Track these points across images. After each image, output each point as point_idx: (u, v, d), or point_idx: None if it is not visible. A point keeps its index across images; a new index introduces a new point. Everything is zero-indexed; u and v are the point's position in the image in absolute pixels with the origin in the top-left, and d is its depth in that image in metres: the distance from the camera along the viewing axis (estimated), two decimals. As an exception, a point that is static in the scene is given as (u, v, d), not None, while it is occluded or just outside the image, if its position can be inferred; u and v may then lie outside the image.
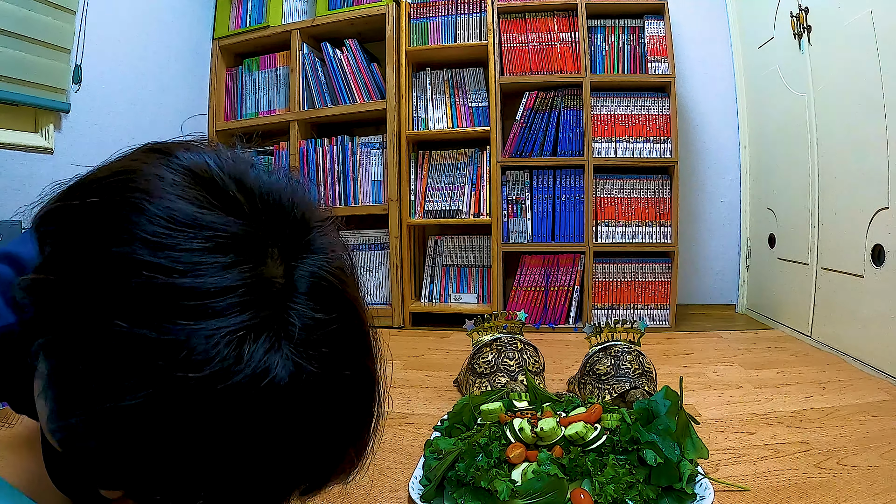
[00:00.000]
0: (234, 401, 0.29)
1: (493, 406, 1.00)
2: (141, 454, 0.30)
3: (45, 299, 0.31)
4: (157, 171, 0.33)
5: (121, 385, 0.29)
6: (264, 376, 0.30)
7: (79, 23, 1.73)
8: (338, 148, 2.34)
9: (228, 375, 0.29)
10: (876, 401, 1.26)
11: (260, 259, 0.32)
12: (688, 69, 2.46)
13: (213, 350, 0.29)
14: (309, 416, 0.32)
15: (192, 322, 0.29)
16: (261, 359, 0.30)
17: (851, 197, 1.63)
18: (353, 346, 0.36)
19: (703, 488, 0.82)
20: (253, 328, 0.30)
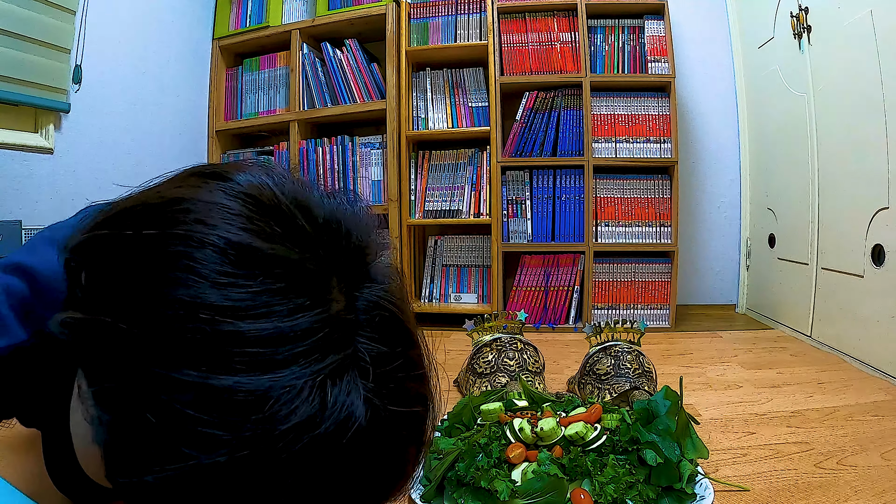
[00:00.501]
0: (321, 449, 0.28)
1: (493, 406, 1.00)
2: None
3: (93, 339, 0.29)
4: (217, 198, 0.31)
5: (198, 442, 0.26)
6: (349, 420, 0.28)
7: (79, 23, 1.73)
8: (338, 148, 2.34)
9: (315, 424, 0.27)
10: (876, 401, 1.26)
11: (328, 294, 0.30)
12: (688, 69, 2.46)
13: (298, 399, 0.27)
14: (384, 454, 0.31)
15: (273, 371, 0.27)
16: (344, 402, 0.28)
17: (851, 197, 1.63)
18: (416, 376, 0.34)
19: (703, 488, 0.82)
20: (334, 371, 0.29)
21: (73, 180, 1.74)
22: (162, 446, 0.27)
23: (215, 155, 2.49)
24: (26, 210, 1.56)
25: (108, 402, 0.28)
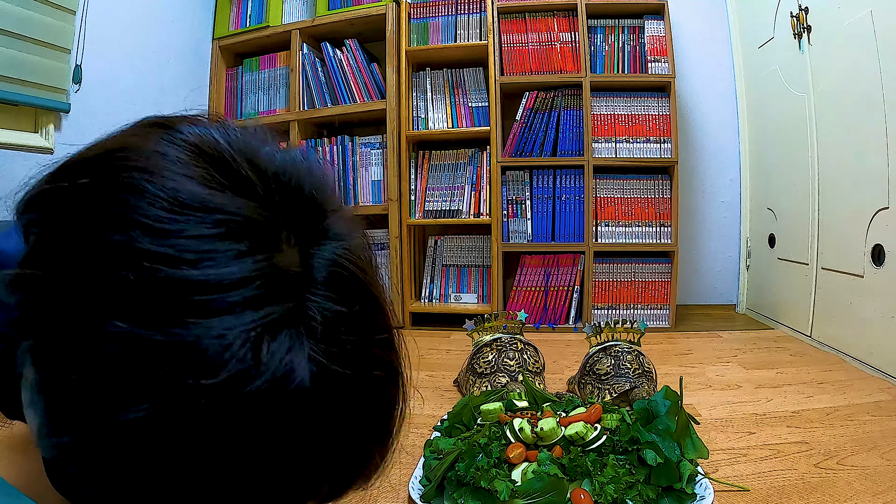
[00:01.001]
0: (253, 408, 0.26)
1: (493, 406, 1.00)
2: (145, 470, 0.26)
3: (32, 297, 0.27)
4: (158, 147, 0.29)
5: (122, 396, 0.25)
6: (287, 379, 0.26)
7: (79, 23, 1.73)
8: (338, 148, 2.34)
9: (247, 380, 0.25)
10: (876, 401, 1.26)
11: (275, 246, 0.28)
12: (688, 69, 2.46)
13: (228, 352, 0.25)
14: (332, 419, 0.29)
15: (203, 320, 0.25)
16: (282, 359, 0.26)
17: (851, 197, 1.63)
18: (377, 340, 0.33)
19: (703, 488, 0.82)
20: (271, 325, 0.26)
21: (73, 180, 1.74)
22: (83, 404, 0.25)
23: (215, 155, 2.49)
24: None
25: (38, 360, 0.27)
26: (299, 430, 0.28)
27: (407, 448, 1.06)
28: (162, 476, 0.26)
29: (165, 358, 0.25)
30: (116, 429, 0.25)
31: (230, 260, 0.26)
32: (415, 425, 1.19)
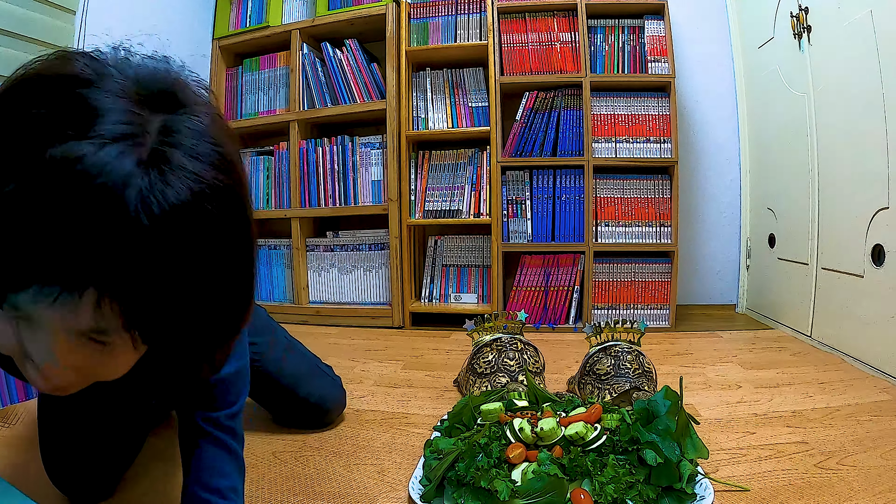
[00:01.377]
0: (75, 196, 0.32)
1: (493, 406, 1.00)
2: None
3: None
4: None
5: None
6: (124, 187, 0.33)
7: (79, 23, 1.73)
8: (338, 148, 2.34)
9: (90, 175, 0.32)
10: (876, 401, 1.26)
11: (145, 115, 0.37)
12: (688, 69, 2.46)
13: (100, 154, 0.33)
14: (170, 248, 0.35)
15: (79, 127, 0.34)
16: (129, 171, 0.33)
17: (851, 197, 1.63)
18: (223, 191, 0.38)
19: (703, 488, 0.82)
20: (131, 146, 0.34)
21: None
22: None
23: (215, 155, 2.48)
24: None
25: None
26: (128, 246, 0.34)
27: (407, 448, 1.06)
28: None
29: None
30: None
31: (114, 98, 0.36)
32: (415, 425, 1.19)
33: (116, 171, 0.33)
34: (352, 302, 2.37)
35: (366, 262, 2.35)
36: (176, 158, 0.36)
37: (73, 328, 0.37)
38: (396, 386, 1.47)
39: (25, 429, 1.17)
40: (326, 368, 1.23)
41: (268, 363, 1.10)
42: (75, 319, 0.36)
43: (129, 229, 0.33)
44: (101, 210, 0.33)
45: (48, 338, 0.37)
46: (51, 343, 0.37)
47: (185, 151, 0.37)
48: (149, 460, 1.01)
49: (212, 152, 0.38)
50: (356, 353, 1.82)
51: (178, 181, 0.35)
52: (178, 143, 0.37)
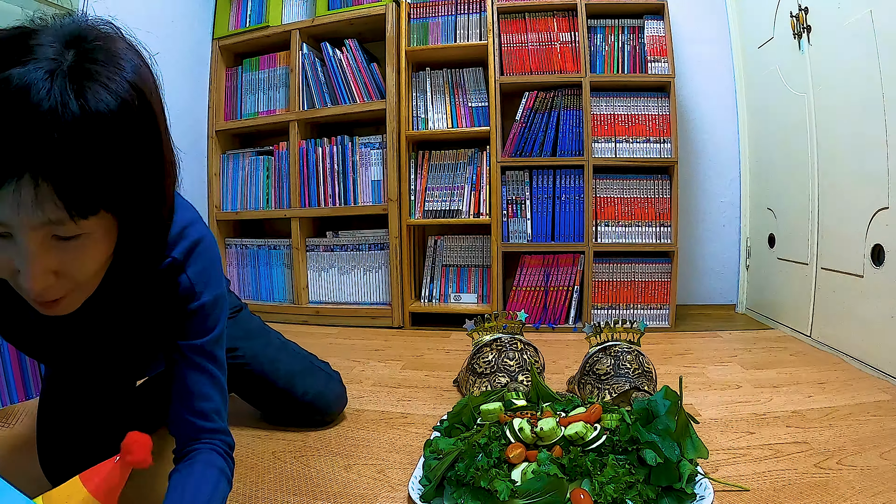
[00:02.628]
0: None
1: (493, 406, 1.00)
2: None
3: None
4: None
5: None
6: (38, 91, 0.45)
7: (78, 23, 1.73)
8: (338, 148, 2.34)
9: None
10: (876, 401, 1.26)
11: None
12: (688, 69, 2.46)
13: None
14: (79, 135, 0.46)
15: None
16: (43, 80, 0.46)
17: (851, 197, 1.63)
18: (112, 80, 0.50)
19: (702, 488, 0.82)
20: (48, 67, 0.46)
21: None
22: None
23: (215, 155, 2.49)
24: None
25: None
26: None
27: (407, 448, 1.06)
28: None
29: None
30: None
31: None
32: (414, 425, 1.19)
33: (33, 81, 0.45)
34: (351, 302, 2.37)
35: (365, 262, 2.35)
36: (96, 73, 0.48)
37: (35, 223, 0.48)
38: (396, 386, 1.47)
39: (25, 429, 1.17)
40: (322, 365, 1.23)
41: (263, 363, 1.11)
42: (30, 213, 0.47)
43: (44, 122, 0.44)
44: (22, 110, 0.44)
45: (25, 245, 0.49)
46: (28, 249, 0.49)
47: (104, 67, 0.49)
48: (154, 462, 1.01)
49: (130, 69, 0.52)
50: (356, 353, 1.82)
51: (95, 88, 0.48)
52: (97, 63, 0.49)
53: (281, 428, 1.17)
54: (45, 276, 0.51)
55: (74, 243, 0.51)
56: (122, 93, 0.50)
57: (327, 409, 1.18)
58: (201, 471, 0.69)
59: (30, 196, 0.46)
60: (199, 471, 0.68)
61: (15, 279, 0.52)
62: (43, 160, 0.45)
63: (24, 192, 0.46)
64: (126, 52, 0.54)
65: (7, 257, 0.50)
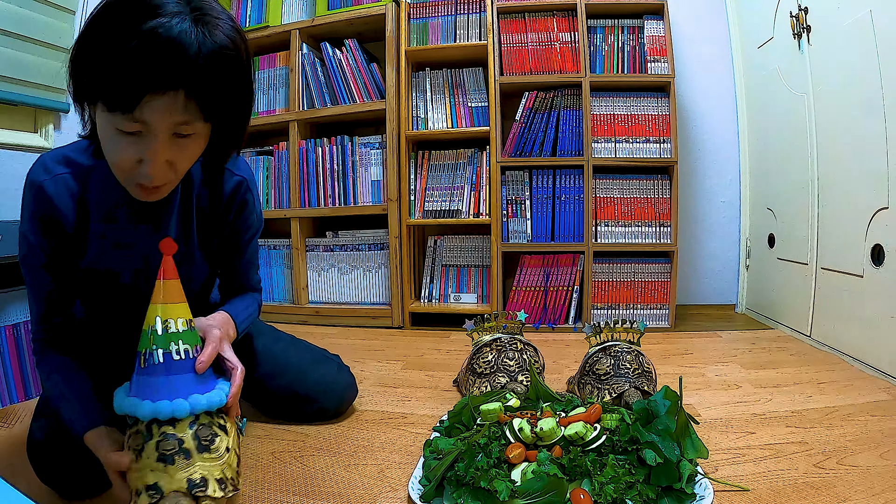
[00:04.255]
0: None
1: (493, 406, 1.00)
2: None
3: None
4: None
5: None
6: (188, 36, 0.64)
7: (79, 23, 1.73)
8: (337, 148, 2.34)
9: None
10: (876, 401, 1.26)
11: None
12: (687, 69, 2.46)
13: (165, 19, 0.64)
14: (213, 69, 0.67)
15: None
16: (188, 29, 0.65)
17: (851, 197, 1.63)
18: (225, 40, 0.69)
19: (702, 488, 0.82)
20: (184, 18, 0.65)
21: (73, 180, 1.74)
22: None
23: (215, 155, 2.48)
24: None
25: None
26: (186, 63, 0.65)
27: (407, 448, 1.06)
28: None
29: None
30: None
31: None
32: (414, 425, 1.19)
33: (182, 29, 0.64)
34: (351, 302, 2.37)
35: (365, 262, 2.35)
36: (210, 22, 0.67)
37: (171, 122, 0.67)
38: (396, 386, 1.47)
39: (25, 429, 1.17)
40: (333, 357, 1.27)
41: (276, 354, 1.18)
42: (172, 115, 0.67)
43: (193, 54, 0.64)
44: (174, 48, 0.63)
45: (155, 141, 0.68)
46: (157, 144, 0.69)
47: (214, 19, 0.68)
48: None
49: (228, 20, 0.71)
50: (356, 354, 1.82)
51: (215, 32, 0.67)
52: (208, 15, 0.67)
53: (281, 428, 1.17)
54: (162, 164, 0.71)
55: (185, 141, 0.72)
56: (231, 33, 0.70)
57: (339, 398, 1.21)
58: (242, 297, 1.03)
59: (179, 103, 0.66)
60: (242, 296, 1.03)
61: (133, 169, 0.71)
62: (191, 79, 0.65)
63: (175, 101, 0.66)
64: (218, 5, 0.72)
65: (135, 150, 0.69)
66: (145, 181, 0.71)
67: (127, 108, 0.65)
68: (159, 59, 0.63)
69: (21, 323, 1.40)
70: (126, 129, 0.67)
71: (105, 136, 0.70)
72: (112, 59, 0.63)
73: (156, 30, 0.62)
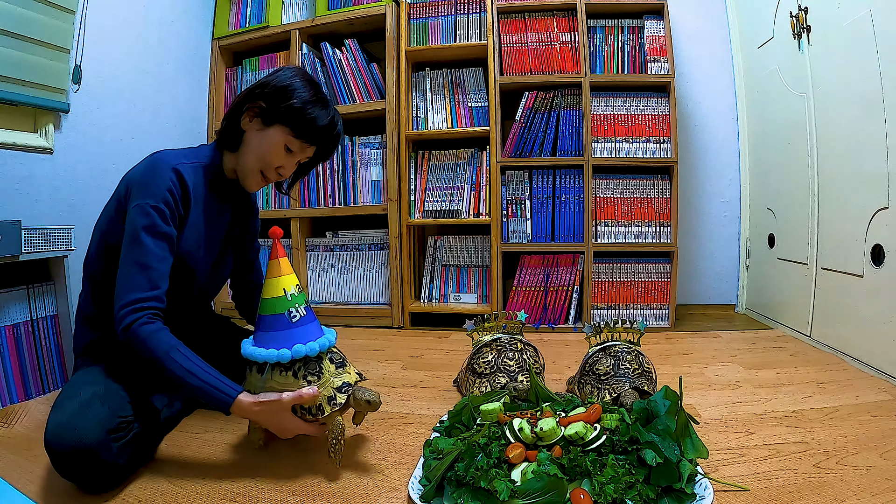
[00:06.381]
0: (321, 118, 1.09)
1: (493, 406, 1.00)
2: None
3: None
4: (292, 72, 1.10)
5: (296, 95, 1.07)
6: (334, 118, 1.12)
7: (78, 23, 1.73)
8: (338, 148, 2.33)
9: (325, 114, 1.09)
10: (876, 401, 1.26)
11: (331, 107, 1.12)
12: (687, 69, 2.46)
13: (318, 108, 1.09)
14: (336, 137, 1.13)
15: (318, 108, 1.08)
16: (331, 116, 1.10)
17: (851, 197, 1.63)
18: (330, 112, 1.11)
19: (702, 488, 0.82)
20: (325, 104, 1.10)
21: (73, 180, 1.74)
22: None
23: (215, 155, 2.48)
24: (26, 210, 1.56)
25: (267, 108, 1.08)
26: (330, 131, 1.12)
27: (407, 448, 1.06)
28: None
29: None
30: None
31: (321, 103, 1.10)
32: (415, 425, 1.19)
33: (336, 117, 1.11)
34: (351, 302, 2.37)
35: (365, 262, 2.35)
36: (332, 108, 1.11)
37: (303, 157, 1.11)
38: (396, 386, 1.47)
39: (25, 429, 1.17)
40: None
41: None
42: (304, 152, 1.11)
43: (337, 131, 1.12)
44: (328, 128, 1.09)
45: (294, 161, 1.10)
46: (293, 164, 1.11)
47: (333, 107, 1.12)
48: (157, 462, 1.02)
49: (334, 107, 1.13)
50: (356, 353, 1.82)
51: (336, 116, 1.11)
52: (330, 104, 1.11)
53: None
54: (287, 174, 1.12)
55: (296, 166, 1.13)
56: (338, 116, 1.12)
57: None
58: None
59: (310, 151, 1.11)
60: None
61: (273, 169, 1.09)
62: (327, 142, 1.12)
63: (309, 149, 1.10)
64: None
65: (281, 160, 1.08)
66: (272, 179, 1.11)
67: (310, 143, 1.08)
68: (331, 129, 1.09)
69: (21, 323, 1.40)
70: (292, 147, 1.07)
71: (269, 144, 1.06)
72: (311, 116, 1.05)
73: (334, 116, 1.10)
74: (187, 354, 0.92)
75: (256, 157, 1.07)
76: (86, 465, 0.84)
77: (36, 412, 1.29)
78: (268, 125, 1.05)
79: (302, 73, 1.08)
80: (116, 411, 0.90)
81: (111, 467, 0.87)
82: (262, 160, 1.07)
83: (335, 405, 0.94)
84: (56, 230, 1.42)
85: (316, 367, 0.96)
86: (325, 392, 0.95)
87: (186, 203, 1.03)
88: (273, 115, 1.04)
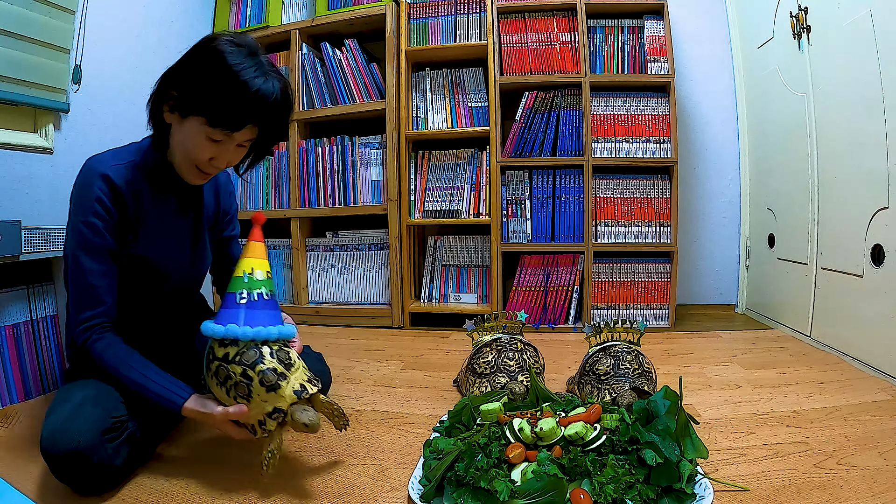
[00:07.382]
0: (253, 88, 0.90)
1: (493, 406, 1.00)
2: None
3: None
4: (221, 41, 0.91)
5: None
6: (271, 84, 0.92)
7: (78, 23, 1.73)
8: (337, 148, 2.34)
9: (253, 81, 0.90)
10: (876, 401, 1.26)
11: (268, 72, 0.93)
12: (687, 69, 2.46)
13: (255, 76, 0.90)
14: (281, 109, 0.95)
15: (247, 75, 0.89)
16: (268, 80, 0.91)
17: (851, 197, 1.63)
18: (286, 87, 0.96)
19: (702, 488, 0.82)
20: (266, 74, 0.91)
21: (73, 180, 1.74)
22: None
23: (215, 155, 2.48)
24: (26, 210, 1.55)
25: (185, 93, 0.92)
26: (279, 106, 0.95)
27: (407, 448, 1.06)
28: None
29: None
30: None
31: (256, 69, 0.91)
32: (415, 425, 1.19)
33: (266, 88, 0.90)
34: (351, 302, 2.37)
35: (365, 262, 2.35)
36: (271, 72, 0.92)
37: (240, 140, 0.94)
38: (396, 386, 1.47)
39: (25, 429, 1.17)
40: (316, 355, 1.33)
41: None
42: (244, 136, 0.93)
43: (270, 102, 0.91)
44: (258, 97, 0.89)
45: (228, 148, 0.95)
46: (229, 151, 0.95)
47: (272, 69, 0.93)
48: (157, 462, 1.01)
49: (279, 72, 0.95)
50: (356, 353, 1.82)
51: (278, 83, 0.92)
52: (273, 68, 0.94)
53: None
54: (226, 163, 0.98)
55: (240, 149, 0.97)
56: (284, 83, 0.94)
57: (327, 386, 1.29)
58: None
59: (248, 133, 0.94)
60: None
61: (206, 162, 0.95)
62: (264, 118, 0.93)
63: (247, 130, 0.93)
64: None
65: (212, 151, 0.94)
66: (211, 171, 0.98)
67: (231, 129, 0.91)
68: (259, 103, 0.89)
69: (21, 323, 1.40)
70: (216, 138, 0.92)
71: (189, 138, 0.93)
72: (225, 97, 0.88)
73: (260, 87, 0.89)
74: (137, 366, 0.92)
75: (182, 154, 0.95)
76: (82, 467, 0.84)
77: (36, 412, 1.29)
78: (185, 117, 0.92)
79: (219, 46, 0.88)
80: (110, 411, 0.90)
81: (107, 469, 0.86)
82: (189, 156, 0.94)
83: (266, 431, 0.89)
84: (56, 230, 1.42)
85: (245, 391, 0.88)
86: (259, 412, 0.89)
87: (122, 206, 0.96)
88: (187, 106, 0.90)
